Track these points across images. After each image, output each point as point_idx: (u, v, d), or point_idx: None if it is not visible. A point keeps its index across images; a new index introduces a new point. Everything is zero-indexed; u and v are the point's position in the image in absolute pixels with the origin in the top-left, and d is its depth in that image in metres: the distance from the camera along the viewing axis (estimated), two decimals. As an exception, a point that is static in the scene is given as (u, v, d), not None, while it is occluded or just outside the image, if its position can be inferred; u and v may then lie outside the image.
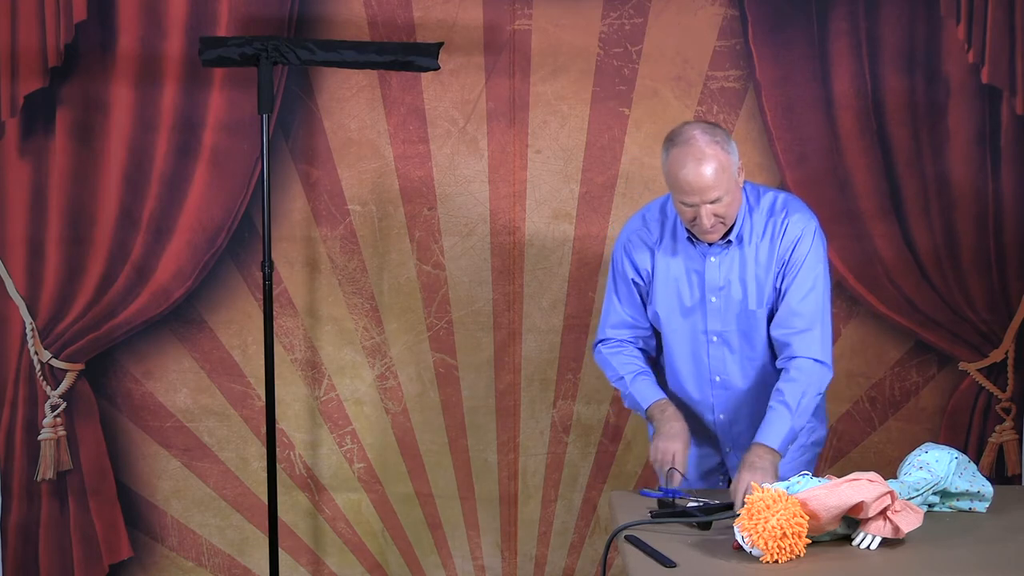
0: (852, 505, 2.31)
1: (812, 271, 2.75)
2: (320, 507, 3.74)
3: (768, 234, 2.78)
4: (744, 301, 2.79)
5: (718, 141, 2.68)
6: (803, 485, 2.37)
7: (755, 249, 2.78)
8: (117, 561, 3.73)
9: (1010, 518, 2.55)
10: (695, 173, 2.65)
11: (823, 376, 2.75)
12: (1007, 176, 3.64)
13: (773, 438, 2.69)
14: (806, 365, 2.73)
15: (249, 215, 3.60)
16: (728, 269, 2.79)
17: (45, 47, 3.51)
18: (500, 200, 3.64)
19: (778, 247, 2.77)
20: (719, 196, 2.67)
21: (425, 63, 3.29)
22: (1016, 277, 3.68)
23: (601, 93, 3.60)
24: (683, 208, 2.70)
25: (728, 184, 2.67)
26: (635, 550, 2.39)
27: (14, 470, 3.66)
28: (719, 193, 2.66)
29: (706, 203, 2.67)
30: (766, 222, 2.78)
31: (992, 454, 3.76)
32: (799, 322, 2.74)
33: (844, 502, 2.31)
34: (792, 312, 2.75)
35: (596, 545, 3.78)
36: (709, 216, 2.68)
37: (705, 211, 2.68)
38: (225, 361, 3.67)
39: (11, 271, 3.59)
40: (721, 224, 2.72)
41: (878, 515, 2.35)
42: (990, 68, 3.60)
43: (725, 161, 2.67)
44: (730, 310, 2.80)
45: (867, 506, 2.32)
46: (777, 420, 2.70)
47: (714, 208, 2.68)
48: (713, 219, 2.69)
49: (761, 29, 3.59)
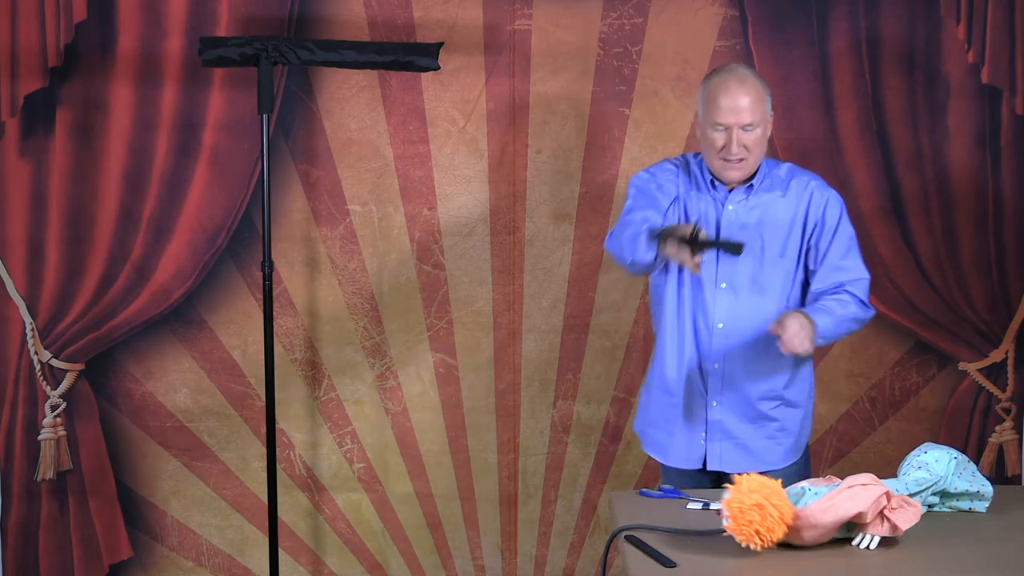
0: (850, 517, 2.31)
1: (846, 234, 2.91)
2: (320, 507, 3.74)
3: (792, 193, 2.90)
4: (761, 250, 2.87)
5: (759, 78, 2.87)
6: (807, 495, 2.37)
7: (775, 202, 2.89)
8: (117, 561, 3.73)
9: (1010, 518, 2.55)
10: (737, 92, 2.81)
11: (866, 313, 2.91)
12: (1007, 176, 3.64)
13: (816, 318, 2.77)
14: (854, 299, 2.87)
15: (249, 215, 3.60)
16: (745, 217, 2.88)
17: (45, 47, 3.51)
18: (500, 200, 3.64)
19: (806, 207, 2.90)
20: (752, 123, 2.81)
21: (425, 63, 3.29)
22: (1016, 277, 3.68)
23: (601, 93, 3.60)
24: (714, 135, 2.83)
25: (762, 117, 2.83)
26: (635, 550, 2.38)
27: (14, 470, 3.67)
28: (753, 119, 2.81)
29: (740, 126, 2.80)
30: (787, 181, 2.92)
31: (992, 454, 3.76)
32: (844, 275, 2.89)
33: (841, 517, 2.31)
34: (837, 267, 2.89)
35: (596, 545, 3.78)
36: (739, 143, 2.81)
37: (736, 136, 2.80)
38: (225, 361, 3.67)
39: (11, 271, 3.59)
40: (745, 161, 2.83)
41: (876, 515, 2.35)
42: (990, 68, 3.60)
43: (763, 95, 2.85)
44: (743, 257, 2.83)
45: (865, 514, 2.32)
46: (822, 312, 2.81)
47: (744, 137, 2.81)
48: (742, 149, 2.81)
49: (761, 29, 3.59)
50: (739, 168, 2.84)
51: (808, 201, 2.90)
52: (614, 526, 2.59)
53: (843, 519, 2.31)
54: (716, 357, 2.90)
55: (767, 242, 2.87)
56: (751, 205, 2.88)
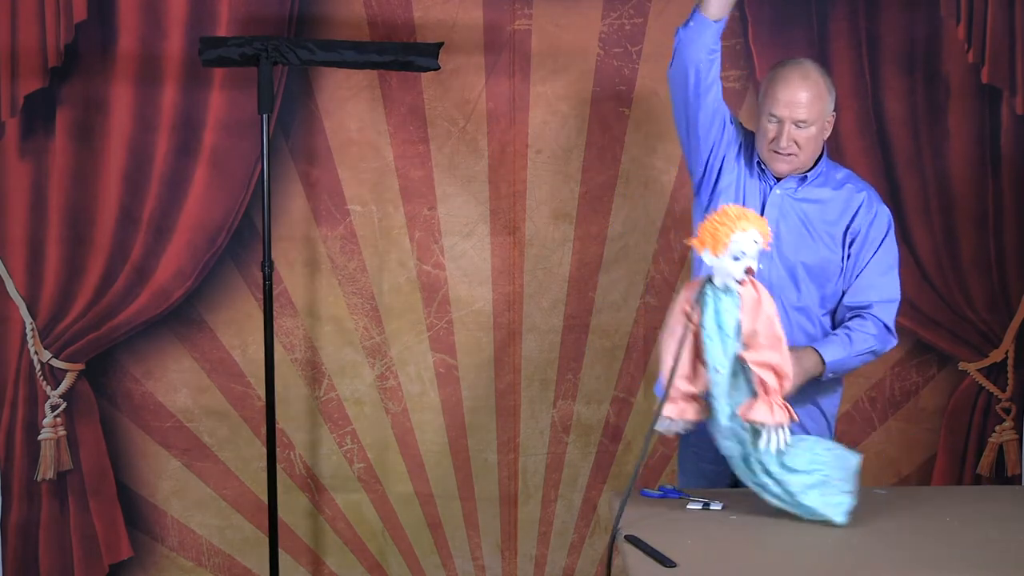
0: (776, 336, 2.36)
1: (890, 252, 2.89)
2: (320, 507, 3.74)
3: (842, 197, 2.86)
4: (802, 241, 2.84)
5: (825, 78, 2.81)
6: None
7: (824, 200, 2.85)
8: (117, 561, 3.73)
9: (1010, 518, 2.55)
10: (794, 85, 2.76)
11: (887, 341, 2.87)
12: (1007, 176, 3.64)
13: (829, 354, 2.77)
14: (878, 326, 2.85)
15: (249, 215, 3.60)
16: (789, 206, 2.84)
17: (45, 47, 3.51)
18: (500, 200, 3.64)
19: (855, 214, 2.85)
20: (806, 119, 2.77)
21: (425, 63, 3.29)
22: (1016, 277, 3.68)
23: (601, 93, 3.60)
24: (768, 126, 2.80)
25: (818, 115, 2.78)
26: (635, 550, 2.38)
27: (14, 470, 3.67)
28: (807, 116, 2.76)
29: (792, 121, 2.76)
30: (842, 184, 2.88)
31: (992, 454, 3.76)
32: (875, 294, 2.86)
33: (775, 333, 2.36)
34: (871, 285, 2.86)
35: (596, 545, 3.78)
36: (789, 138, 2.77)
37: (788, 131, 2.77)
38: (225, 361, 3.67)
39: (11, 271, 3.59)
40: (794, 156, 2.80)
41: (764, 398, 2.36)
42: (990, 68, 3.60)
43: (824, 94, 2.79)
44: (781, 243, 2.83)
45: (779, 372, 2.37)
46: (839, 345, 2.80)
47: (796, 133, 2.77)
48: (792, 144, 2.77)
49: (761, 29, 3.59)
50: (787, 162, 2.82)
51: (856, 210, 2.86)
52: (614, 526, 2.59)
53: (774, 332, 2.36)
54: None
55: (813, 235, 2.85)
56: (800, 196, 2.86)
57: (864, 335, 2.83)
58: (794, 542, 2.43)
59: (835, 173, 2.91)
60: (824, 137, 2.86)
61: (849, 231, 2.86)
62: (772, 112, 2.79)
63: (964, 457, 3.77)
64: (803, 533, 2.47)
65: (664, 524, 2.51)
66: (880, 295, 2.86)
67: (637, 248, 3.66)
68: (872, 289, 2.86)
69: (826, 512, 2.45)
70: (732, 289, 2.37)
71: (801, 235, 2.86)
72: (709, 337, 2.38)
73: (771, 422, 2.39)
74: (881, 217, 2.88)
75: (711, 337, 2.39)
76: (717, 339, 2.39)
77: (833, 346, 2.81)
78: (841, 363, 2.81)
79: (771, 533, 2.48)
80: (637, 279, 3.66)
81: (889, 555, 2.33)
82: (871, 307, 2.85)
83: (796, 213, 2.86)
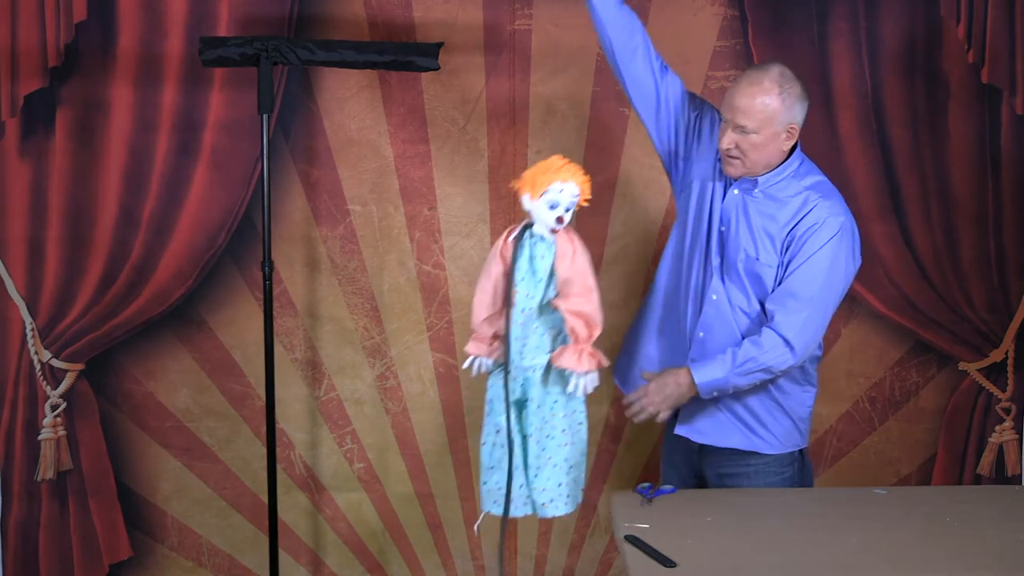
0: (588, 287, 2.45)
1: (824, 262, 2.77)
2: (320, 507, 3.74)
3: (794, 205, 2.81)
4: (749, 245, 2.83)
5: (785, 88, 2.78)
6: None
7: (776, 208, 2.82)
8: (117, 561, 3.73)
9: (1010, 518, 2.55)
10: (739, 90, 2.78)
11: (783, 357, 2.76)
12: (1007, 176, 3.65)
13: (703, 374, 2.77)
14: (773, 339, 2.76)
15: (249, 215, 3.60)
16: (743, 208, 2.84)
17: (45, 47, 3.51)
18: (500, 200, 3.64)
19: (796, 222, 2.80)
20: (746, 126, 2.76)
21: (425, 63, 3.29)
22: (1016, 277, 3.68)
23: (601, 93, 3.60)
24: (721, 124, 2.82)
25: (762, 124, 2.76)
26: (635, 550, 2.39)
27: (14, 470, 3.67)
28: (748, 123, 2.76)
29: (734, 125, 2.76)
30: (797, 194, 2.83)
31: (992, 454, 3.76)
32: (792, 303, 2.77)
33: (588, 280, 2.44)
34: (789, 292, 2.78)
35: (596, 545, 3.78)
36: (730, 140, 2.78)
37: (729, 133, 2.77)
38: (225, 361, 3.67)
39: (11, 271, 3.59)
40: (739, 160, 2.79)
41: (575, 346, 2.43)
42: (990, 68, 3.60)
43: (773, 104, 2.76)
44: (732, 244, 2.85)
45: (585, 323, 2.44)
46: (718, 363, 2.78)
47: (739, 138, 2.77)
48: (733, 147, 2.78)
49: (761, 29, 3.59)
50: (731, 164, 2.83)
51: (802, 217, 2.80)
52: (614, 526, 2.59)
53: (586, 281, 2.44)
54: (703, 327, 2.90)
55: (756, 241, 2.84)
56: (754, 196, 2.85)
57: (751, 352, 2.75)
58: (794, 542, 2.43)
59: (803, 180, 2.85)
60: (783, 147, 2.81)
61: (787, 237, 2.80)
62: (721, 110, 2.83)
63: (964, 457, 3.77)
64: (803, 533, 2.48)
65: (664, 524, 2.51)
66: (792, 307, 2.75)
67: (637, 248, 3.66)
68: (788, 298, 2.76)
69: (542, 496, 2.49)
70: (548, 237, 2.45)
71: (746, 238, 2.85)
72: (522, 279, 2.45)
73: (580, 369, 2.45)
74: (826, 228, 2.77)
75: (524, 279, 2.45)
76: (529, 282, 2.46)
77: (711, 366, 2.77)
78: (722, 382, 2.76)
79: (771, 533, 2.49)
80: (637, 279, 3.66)
81: (889, 555, 2.33)
82: (773, 319, 2.76)
83: (747, 216, 2.85)
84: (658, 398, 2.80)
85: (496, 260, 2.48)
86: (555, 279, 2.45)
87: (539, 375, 2.48)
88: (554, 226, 2.43)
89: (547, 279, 2.45)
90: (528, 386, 2.49)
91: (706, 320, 2.88)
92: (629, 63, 2.97)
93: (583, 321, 2.45)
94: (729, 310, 2.86)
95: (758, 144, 2.78)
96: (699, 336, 2.90)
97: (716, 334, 2.87)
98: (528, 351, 2.48)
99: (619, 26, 2.94)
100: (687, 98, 3.00)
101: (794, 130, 2.81)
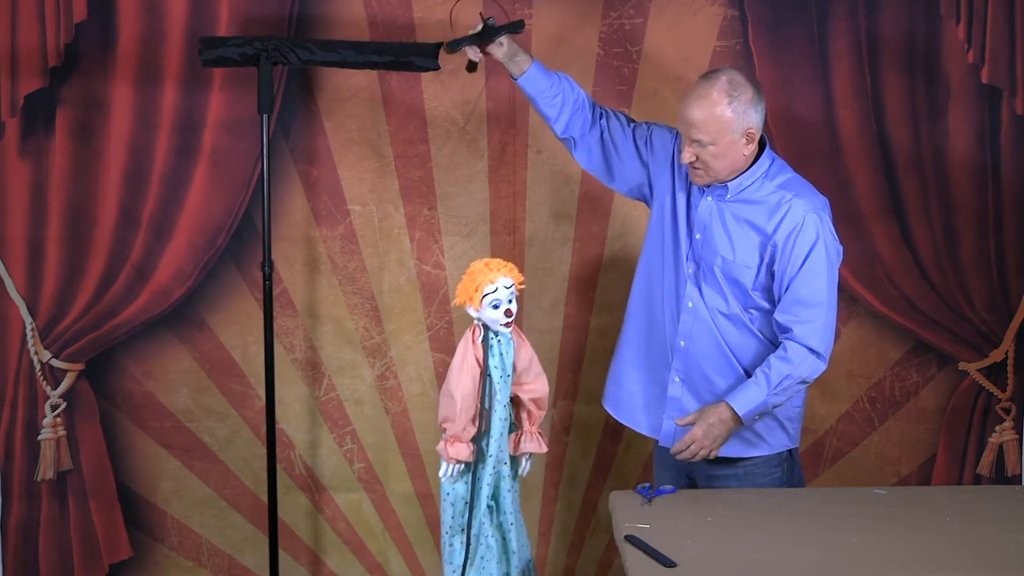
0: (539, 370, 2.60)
1: (820, 264, 2.79)
2: (320, 507, 3.74)
3: (769, 205, 2.82)
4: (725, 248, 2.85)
5: (735, 96, 2.76)
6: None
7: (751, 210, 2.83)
8: (117, 561, 3.73)
9: (1010, 518, 2.55)
10: (689, 105, 2.78)
11: (814, 366, 2.79)
12: (1007, 176, 3.64)
13: (742, 404, 2.77)
14: (800, 352, 2.78)
15: (249, 215, 3.60)
16: (718, 213, 2.86)
17: (45, 47, 3.51)
18: (500, 200, 3.64)
19: (776, 226, 2.80)
20: (702, 139, 2.77)
21: (425, 63, 3.29)
22: (1016, 277, 3.68)
23: (601, 93, 3.60)
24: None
25: (717, 135, 2.76)
26: (635, 550, 2.39)
27: (14, 470, 3.66)
28: (703, 136, 2.76)
29: (689, 140, 2.77)
30: (771, 193, 2.84)
31: (992, 454, 3.76)
32: (804, 312, 2.78)
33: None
34: (798, 301, 2.79)
35: (596, 545, 3.78)
36: (690, 154, 2.79)
37: (687, 148, 2.79)
38: (225, 361, 3.67)
39: (11, 271, 3.59)
40: (701, 170, 2.81)
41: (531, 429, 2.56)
42: (990, 68, 3.60)
43: (724, 116, 2.75)
44: (708, 249, 2.86)
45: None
46: (754, 389, 2.78)
47: (696, 150, 2.78)
48: (694, 159, 2.79)
49: (761, 29, 3.59)
50: (696, 175, 2.84)
51: (780, 220, 2.81)
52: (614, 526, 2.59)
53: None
54: (683, 335, 2.90)
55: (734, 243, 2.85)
56: (729, 201, 2.87)
57: (783, 369, 2.77)
58: (794, 542, 2.43)
59: (775, 179, 2.86)
60: (744, 152, 2.81)
61: (771, 242, 2.80)
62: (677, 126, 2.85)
63: (964, 457, 3.77)
64: (803, 533, 2.48)
65: (664, 524, 2.51)
66: (805, 315, 2.77)
67: (637, 248, 3.64)
68: (799, 307, 2.78)
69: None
70: (504, 333, 2.57)
71: (722, 242, 2.86)
72: (501, 379, 2.57)
73: (542, 451, 2.59)
74: (808, 227, 2.78)
75: (502, 379, 2.57)
76: (503, 380, 2.57)
77: (747, 393, 2.78)
78: (762, 405, 2.78)
79: (771, 533, 2.49)
80: (637, 279, 3.65)
81: (889, 555, 2.33)
82: (791, 332, 2.78)
83: (722, 220, 2.87)
84: (708, 440, 2.78)
85: (471, 362, 2.57)
86: (516, 369, 2.59)
87: (510, 467, 2.62)
88: (505, 321, 2.54)
89: (512, 372, 2.58)
90: (500, 479, 2.61)
91: (685, 328, 2.90)
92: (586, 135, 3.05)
93: (536, 404, 2.57)
94: (707, 314, 2.88)
95: (717, 154, 2.78)
96: (681, 345, 2.91)
97: (697, 341, 2.90)
98: (505, 445, 2.59)
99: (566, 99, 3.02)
100: (632, 132, 3.04)
101: (752, 134, 2.80)
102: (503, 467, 2.57)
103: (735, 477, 2.93)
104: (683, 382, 2.93)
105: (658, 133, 3.03)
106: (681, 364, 2.91)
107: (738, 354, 2.89)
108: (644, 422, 3.03)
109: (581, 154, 3.06)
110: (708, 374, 2.90)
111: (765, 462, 2.94)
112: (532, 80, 2.94)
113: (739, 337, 2.88)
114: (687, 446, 2.79)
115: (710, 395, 2.90)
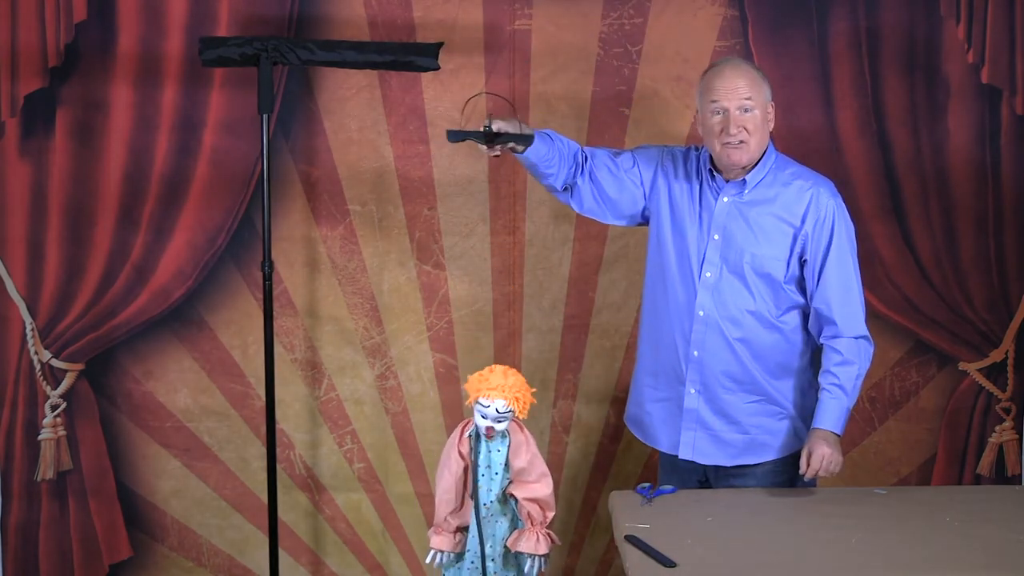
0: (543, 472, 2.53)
1: (846, 250, 2.86)
2: (320, 507, 3.74)
3: (791, 194, 2.87)
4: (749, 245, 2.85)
5: (756, 68, 2.89)
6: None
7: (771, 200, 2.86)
8: (117, 561, 3.73)
9: (1010, 518, 2.55)
10: (731, 75, 2.82)
11: (868, 352, 2.88)
12: (1007, 176, 3.64)
13: (833, 423, 2.82)
14: (854, 346, 2.84)
15: (249, 215, 3.60)
16: (737, 212, 2.87)
17: (45, 47, 3.51)
18: (500, 200, 3.64)
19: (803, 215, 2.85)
20: (750, 99, 2.81)
21: (425, 63, 3.29)
22: (1016, 277, 3.68)
23: (601, 93, 3.60)
24: (713, 120, 2.84)
25: (760, 101, 2.83)
26: (635, 550, 2.39)
27: (14, 470, 3.67)
28: (752, 96, 2.81)
29: (737, 107, 2.80)
30: (786, 184, 2.88)
31: (992, 454, 3.76)
32: (842, 301, 2.84)
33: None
34: (836, 292, 2.84)
35: (596, 545, 3.78)
36: (738, 124, 2.80)
37: (734, 117, 2.80)
38: (225, 361, 3.67)
39: (11, 271, 3.59)
40: (745, 144, 2.82)
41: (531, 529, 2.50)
42: (990, 68, 3.60)
43: (759, 81, 2.85)
44: (732, 248, 2.86)
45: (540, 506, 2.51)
46: (835, 405, 2.84)
47: (742, 119, 2.81)
48: (741, 131, 2.81)
49: (761, 29, 3.59)
50: (740, 150, 2.84)
51: (806, 210, 2.86)
52: (614, 526, 2.59)
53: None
54: (696, 345, 2.90)
55: (758, 235, 2.86)
56: (747, 200, 2.88)
57: (851, 372, 2.84)
58: (794, 542, 2.43)
59: (785, 169, 2.91)
60: (769, 128, 2.88)
61: (800, 234, 2.85)
62: (713, 100, 2.83)
63: (964, 457, 3.77)
64: (803, 533, 2.48)
65: (664, 524, 2.51)
66: (847, 304, 2.84)
67: (637, 248, 3.65)
68: (837, 298, 2.84)
69: None
70: (501, 431, 2.54)
71: (748, 239, 2.87)
72: (482, 475, 2.55)
73: (539, 552, 2.52)
74: (834, 213, 2.87)
75: (483, 475, 2.55)
76: (488, 476, 2.55)
77: (830, 410, 2.83)
78: (847, 411, 2.85)
79: (771, 533, 2.49)
80: (637, 279, 3.65)
81: (889, 555, 2.33)
82: (837, 325, 2.84)
83: (744, 217, 2.88)
84: (831, 452, 2.78)
85: (455, 456, 2.56)
86: (510, 470, 2.55)
87: (501, 563, 2.59)
88: (486, 432, 2.52)
89: (503, 471, 2.55)
90: (488, 574, 2.59)
91: (697, 338, 2.90)
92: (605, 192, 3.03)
93: (538, 506, 2.53)
94: (718, 322, 2.88)
95: (759, 122, 2.84)
96: (695, 356, 2.91)
97: (710, 349, 2.90)
98: (494, 541, 2.57)
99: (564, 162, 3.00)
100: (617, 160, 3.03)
101: (772, 111, 2.89)
102: (490, 563, 2.57)
103: (753, 476, 2.94)
104: (699, 393, 2.92)
105: (642, 152, 3.04)
106: (696, 375, 2.91)
107: (757, 354, 2.88)
108: (664, 440, 3.02)
109: (576, 200, 3.04)
110: (724, 381, 2.90)
111: (781, 462, 2.95)
112: (536, 151, 2.91)
113: (764, 335, 2.88)
114: (820, 462, 2.77)
115: (727, 403, 2.91)
